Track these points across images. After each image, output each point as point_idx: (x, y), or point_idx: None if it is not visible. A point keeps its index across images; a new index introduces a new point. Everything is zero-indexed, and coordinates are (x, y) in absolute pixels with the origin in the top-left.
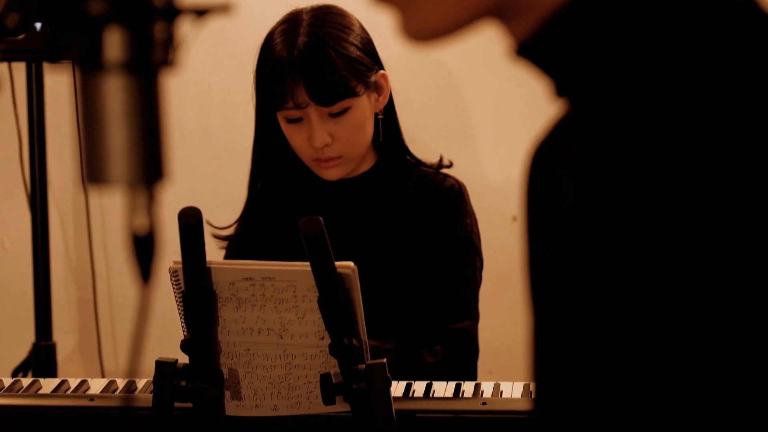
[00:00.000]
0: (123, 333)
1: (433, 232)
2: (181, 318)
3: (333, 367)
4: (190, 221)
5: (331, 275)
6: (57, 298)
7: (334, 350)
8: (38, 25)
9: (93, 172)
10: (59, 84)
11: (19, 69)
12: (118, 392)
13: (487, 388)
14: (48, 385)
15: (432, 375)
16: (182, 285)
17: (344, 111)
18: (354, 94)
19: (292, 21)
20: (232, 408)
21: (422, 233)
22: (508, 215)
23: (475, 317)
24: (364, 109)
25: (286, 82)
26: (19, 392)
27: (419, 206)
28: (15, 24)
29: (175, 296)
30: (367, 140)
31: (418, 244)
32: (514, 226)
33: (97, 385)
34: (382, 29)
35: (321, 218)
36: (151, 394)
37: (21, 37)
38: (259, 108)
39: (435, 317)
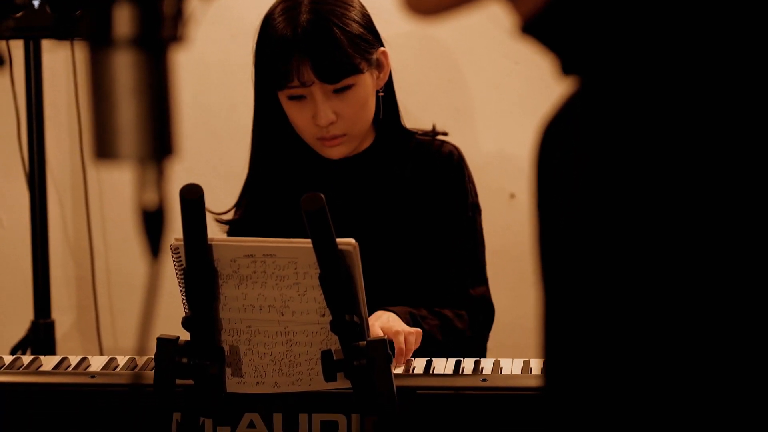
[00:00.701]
0: (121, 311)
1: (439, 200)
2: (182, 295)
3: (334, 343)
4: (192, 197)
5: (333, 252)
6: (55, 276)
7: (335, 327)
8: (36, 3)
9: (102, 148)
10: (57, 62)
11: (17, 47)
12: (118, 369)
13: (486, 365)
14: (48, 362)
15: (459, 342)
16: (183, 262)
17: (348, 88)
18: (358, 70)
19: None
20: (233, 385)
21: (428, 203)
22: (506, 192)
23: (486, 281)
24: (367, 86)
25: (290, 60)
26: (20, 369)
27: (422, 176)
28: (24, 0)
29: (177, 273)
30: (370, 117)
31: (425, 215)
32: (512, 203)
33: (97, 363)
34: (380, 7)
35: (322, 195)
36: (152, 371)
37: (19, 14)
38: (260, 87)
39: (453, 283)
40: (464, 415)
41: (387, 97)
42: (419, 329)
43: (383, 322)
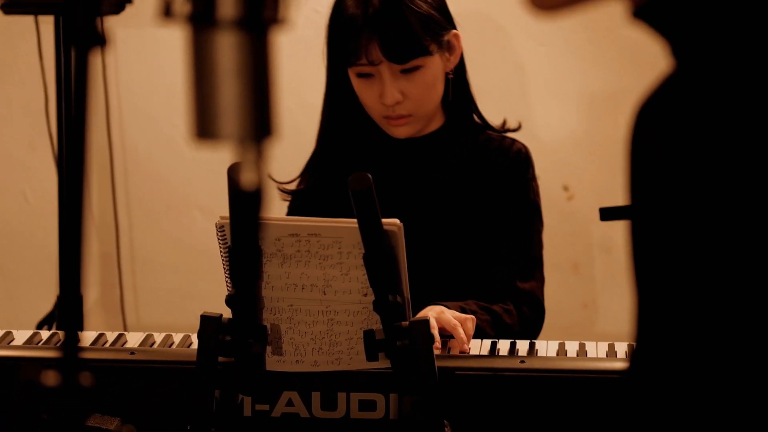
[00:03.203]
0: (144, 287)
1: (501, 194)
2: (225, 273)
3: (374, 324)
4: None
5: (378, 232)
6: None
7: (378, 307)
8: None
9: (203, 128)
10: None
11: (47, 22)
12: (155, 346)
13: (522, 347)
14: (85, 338)
15: (508, 337)
16: (228, 240)
17: (416, 69)
18: (427, 52)
19: None
20: (272, 363)
21: (490, 195)
22: None
23: (540, 279)
24: (435, 68)
25: (360, 39)
26: (58, 345)
27: (487, 168)
28: None
29: (221, 251)
30: (437, 99)
31: (485, 205)
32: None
33: (134, 339)
34: None
35: (369, 175)
36: (189, 348)
37: None
38: (331, 64)
39: (502, 274)
40: (502, 396)
41: (458, 80)
42: (473, 316)
43: (438, 313)
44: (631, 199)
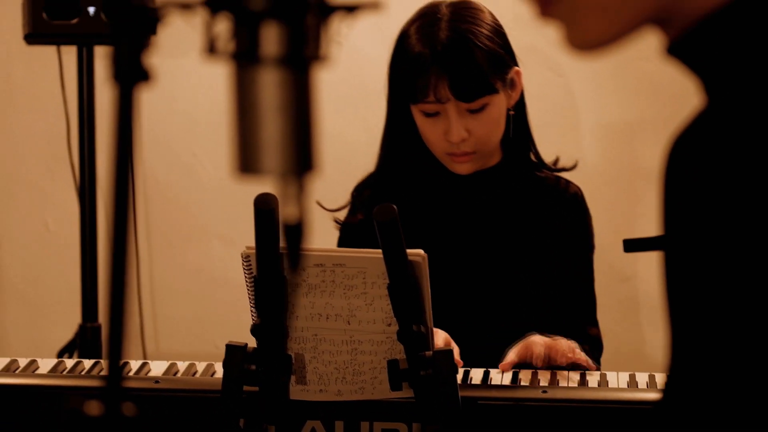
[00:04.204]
0: (164, 316)
1: (563, 238)
2: (250, 302)
3: (398, 353)
4: (265, 207)
5: (403, 263)
6: (100, 281)
7: (402, 337)
8: (91, 10)
9: (246, 163)
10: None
11: (69, 52)
12: (179, 375)
13: (543, 377)
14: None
15: None
16: (254, 270)
17: (483, 107)
18: (494, 90)
19: (429, 15)
20: (296, 392)
21: (546, 235)
22: None
23: (598, 323)
24: (500, 105)
25: (428, 77)
26: (82, 374)
27: (543, 208)
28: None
29: (246, 281)
30: (500, 136)
31: (544, 248)
32: None
33: (158, 368)
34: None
35: (395, 206)
36: (213, 377)
37: (74, 21)
38: (394, 100)
39: (575, 320)
40: (525, 426)
41: (518, 117)
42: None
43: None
44: (666, 233)
